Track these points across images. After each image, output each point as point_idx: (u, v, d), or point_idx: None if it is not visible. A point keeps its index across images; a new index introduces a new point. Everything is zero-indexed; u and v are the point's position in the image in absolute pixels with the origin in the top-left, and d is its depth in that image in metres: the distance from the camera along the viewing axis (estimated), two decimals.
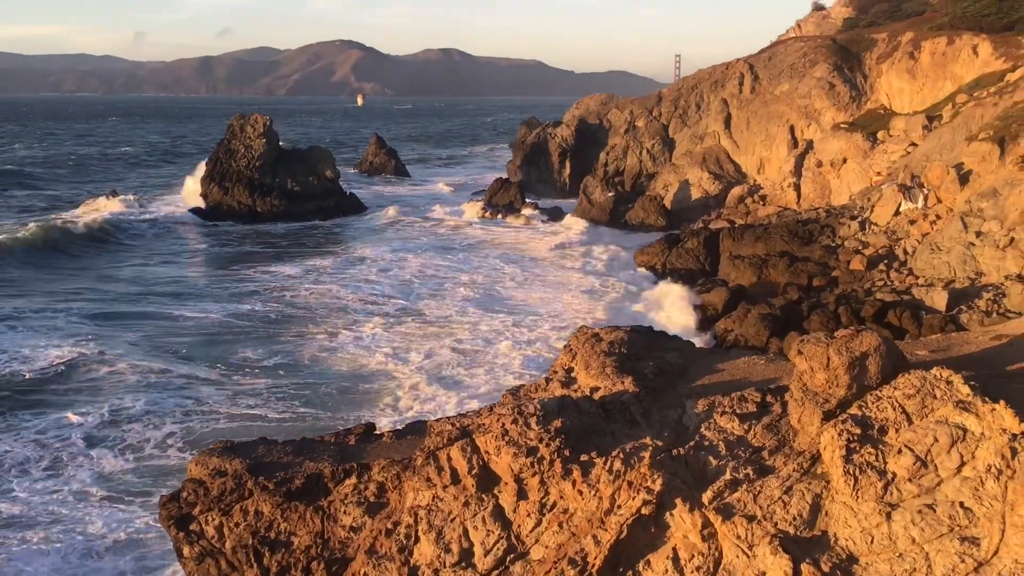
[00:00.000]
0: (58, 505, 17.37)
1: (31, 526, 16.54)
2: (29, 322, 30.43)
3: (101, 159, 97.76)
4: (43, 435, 20.86)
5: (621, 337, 11.53)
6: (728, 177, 57.07)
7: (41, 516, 16.95)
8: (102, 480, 18.55)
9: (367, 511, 9.92)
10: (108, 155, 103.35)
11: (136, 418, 21.90)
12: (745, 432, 9.00)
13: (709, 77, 64.70)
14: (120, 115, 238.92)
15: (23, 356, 26.50)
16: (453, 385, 24.44)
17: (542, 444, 9.01)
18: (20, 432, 21.05)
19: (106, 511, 17.14)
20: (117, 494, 17.93)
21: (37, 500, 17.54)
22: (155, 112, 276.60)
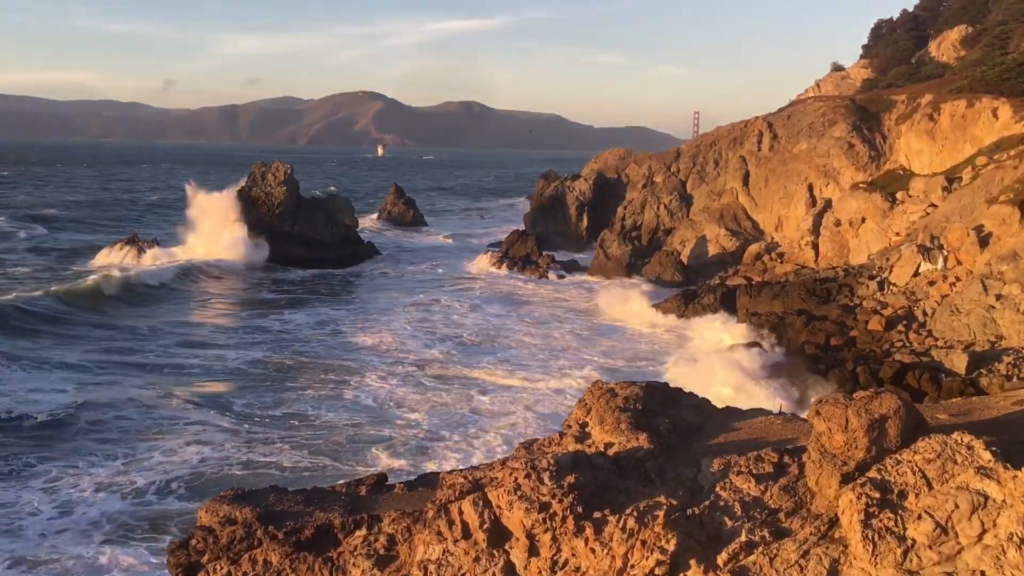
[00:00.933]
0: (68, 546, 17.28)
1: (40, 565, 16.47)
2: (34, 365, 30.43)
3: (128, 204, 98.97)
4: (52, 479, 20.78)
5: (636, 392, 11.43)
6: (746, 234, 57.12)
7: (51, 557, 16.87)
8: (111, 524, 18.43)
9: (376, 564, 9.78)
10: (136, 201, 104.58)
11: (145, 464, 21.80)
12: (761, 493, 8.86)
13: (728, 134, 65.13)
14: (148, 161, 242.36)
15: (31, 400, 26.51)
16: (466, 438, 24.26)
17: (555, 500, 8.90)
18: (28, 477, 20.98)
19: (117, 553, 17.01)
20: (125, 539, 17.80)
21: (47, 543, 17.44)
22: (180, 158, 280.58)
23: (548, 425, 24.72)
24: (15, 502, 19.59)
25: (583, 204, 70.22)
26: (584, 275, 56.59)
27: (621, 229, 63.96)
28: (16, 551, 17.22)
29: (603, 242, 58.74)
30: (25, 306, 37.66)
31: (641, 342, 37.24)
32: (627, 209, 66.48)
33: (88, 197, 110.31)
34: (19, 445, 22.99)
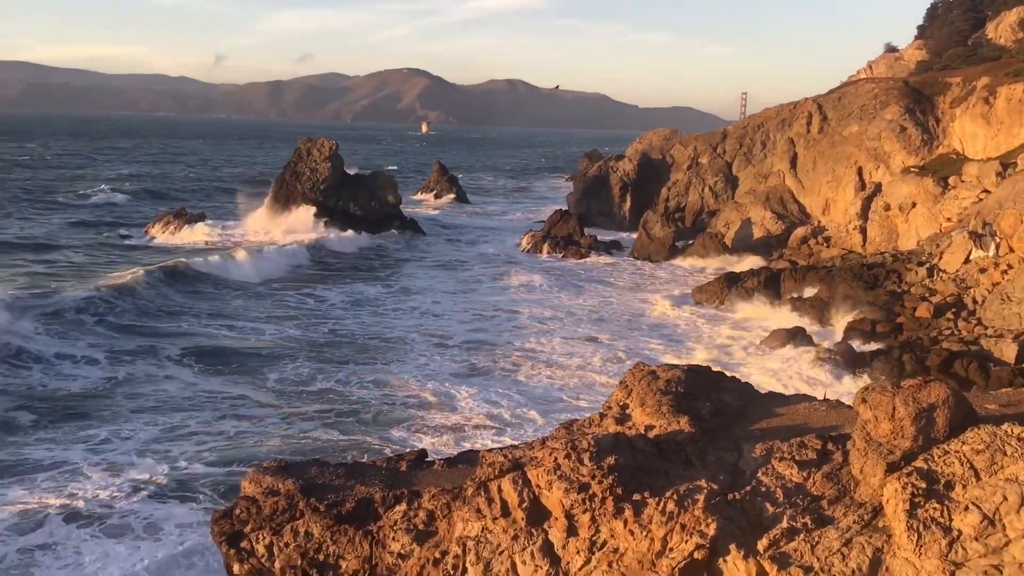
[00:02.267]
0: (120, 503, 17.79)
1: (94, 522, 16.94)
2: (71, 337, 30.93)
3: (195, 180, 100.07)
4: (95, 447, 21.26)
5: (678, 375, 11.36)
6: (792, 217, 56.37)
7: (104, 514, 17.36)
8: (155, 487, 18.83)
9: (416, 539, 9.87)
10: (205, 176, 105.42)
11: (183, 435, 22.16)
12: (804, 480, 8.77)
13: (776, 116, 64.18)
14: (200, 136, 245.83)
15: (68, 372, 27.05)
16: (505, 417, 24.31)
17: (594, 481, 8.89)
18: (77, 441, 21.48)
19: (166, 513, 17.42)
20: (171, 500, 18.21)
21: (96, 503, 17.88)
22: (230, 133, 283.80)
23: (585, 409, 24.70)
24: (68, 461, 20.10)
25: (627, 184, 69.73)
26: (626, 256, 56.28)
27: (665, 210, 63.46)
28: (72, 506, 17.73)
29: (646, 223, 58.31)
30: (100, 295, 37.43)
31: (680, 325, 36.98)
32: (671, 190, 65.92)
33: (160, 171, 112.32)
34: (63, 412, 23.52)
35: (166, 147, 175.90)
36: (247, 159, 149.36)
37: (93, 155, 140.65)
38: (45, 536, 16.53)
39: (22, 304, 32.06)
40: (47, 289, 36.40)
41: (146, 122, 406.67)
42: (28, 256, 46.61)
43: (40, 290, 35.97)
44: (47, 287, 36.87)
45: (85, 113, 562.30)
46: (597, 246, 57.31)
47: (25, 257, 46.19)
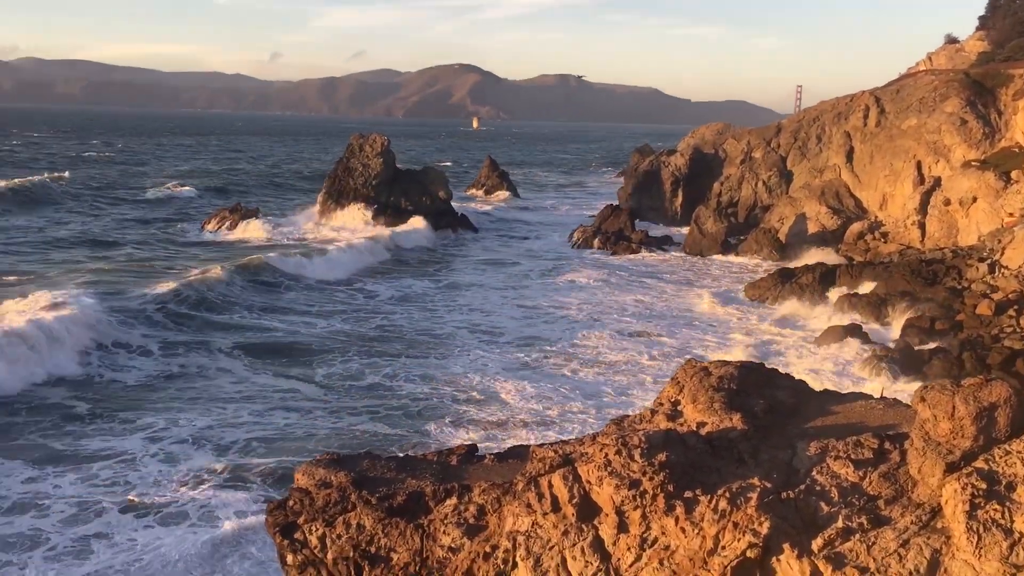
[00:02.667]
0: (173, 495, 18.14)
1: (151, 511, 17.35)
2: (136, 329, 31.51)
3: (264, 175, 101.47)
4: (152, 436, 21.72)
5: (731, 372, 11.24)
6: (848, 212, 55.43)
7: (159, 503, 17.74)
8: (211, 475, 19.19)
9: (466, 532, 9.91)
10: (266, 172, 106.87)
11: (236, 425, 22.51)
12: (860, 479, 8.62)
13: (832, 109, 63.13)
14: (256, 133, 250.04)
15: (119, 364, 27.63)
16: (556, 413, 24.28)
17: (645, 477, 8.84)
18: (134, 430, 21.96)
19: (221, 501, 17.76)
20: (226, 488, 18.55)
21: (151, 492, 18.27)
22: (283, 130, 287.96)
23: (635, 405, 24.57)
24: (125, 450, 20.60)
25: (678, 179, 69.18)
26: (678, 251, 55.85)
27: (717, 205, 62.82)
28: (135, 490, 18.16)
29: (698, 218, 57.79)
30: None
31: (731, 322, 36.59)
32: (724, 185, 65.23)
33: (218, 167, 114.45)
34: (120, 401, 24.08)
35: (223, 144, 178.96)
36: (300, 155, 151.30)
37: (154, 151, 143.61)
38: (101, 525, 16.90)
39: (98, 299, 32.45)
40: (118, 284, 37.08)
41: (203, 119, 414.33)
42: (93, 252, 47.59)
43: (111, 285, 36.61)
44: (117, 282, 37.54)
45: (145, 111, 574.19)
46: (648, 241, 56.95)
47: (91, 253, 47.18)
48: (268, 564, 15.24)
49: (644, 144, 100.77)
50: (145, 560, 15.66)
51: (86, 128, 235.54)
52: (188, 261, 45.36)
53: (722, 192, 64.74)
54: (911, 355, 28.71)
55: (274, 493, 17.91)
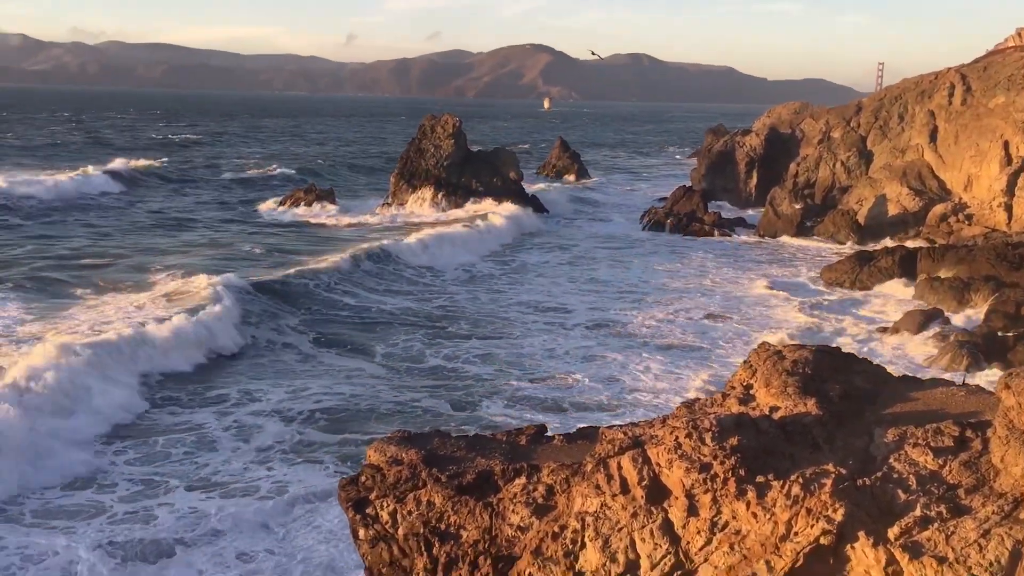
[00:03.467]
0: (247, 471, 18.58)
1: (216, 487, 17.87)
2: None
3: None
4: (228, 406, 22.28)
5: (806, 356, 11.05)
6: (930, 194, 53.78)
7: (228, 478, 18.23)
8: (282, 450, 19.61)
9: (535, 512, 9.96)
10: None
11: (304, 398, 22.91)
12: (939, 467, 8.41)
13: (915, 87, 61.19)
14: (335, 115, 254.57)
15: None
16: (623, 398, 24.18)
17: (716, 461, 8.77)
18: (207, 404, 22.55)
19: (293, 476, 18.16)
20: (295, 462, 18.97)
21: (228, 468, 18.75)
22: (356, 111, 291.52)
23: (704, 389, 24.31)
24: (202, 424, 21.20)
25: (753, 160, 67.94)
26: (751, 233, 54.95)
27: (793, 186, 61.55)
28: (209, 468, 18.69)
29: (773, 199, 56.71)
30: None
31: (807, 305, 35.89)
32: (800, 165, 63.83)
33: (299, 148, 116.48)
34: (186, 381, 24.69)
35: (305, 125, 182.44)
36: (374, 136, 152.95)
37: (242, 133, 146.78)
38: (167, 497, 17.35)
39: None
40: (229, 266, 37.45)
41: (282, 101, 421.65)
42: (184, 235, 48.14)
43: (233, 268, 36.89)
44: (227, 266, 37.59)
45: (224, 93, 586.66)
46: (721, 223, 56.15)
47: (184, 237, 47.51)
48: (337, 534, 15.53)
49: (718, 124, 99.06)
50: (210, 527, 16.03)
51: (172, 110, 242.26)
52: (271, 240, 46.49)
53: (798, 173, 63.39)
54: (995, 341, 27.81)
55: (342, 469, 18.22)
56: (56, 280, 34.50)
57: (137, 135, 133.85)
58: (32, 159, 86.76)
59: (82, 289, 33.26)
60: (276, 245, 45.68)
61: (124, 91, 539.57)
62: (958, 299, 33.88)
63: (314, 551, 15.40)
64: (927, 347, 28.43)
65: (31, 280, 34.01)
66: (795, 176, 63.20)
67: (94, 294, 32.60)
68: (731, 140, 71.86)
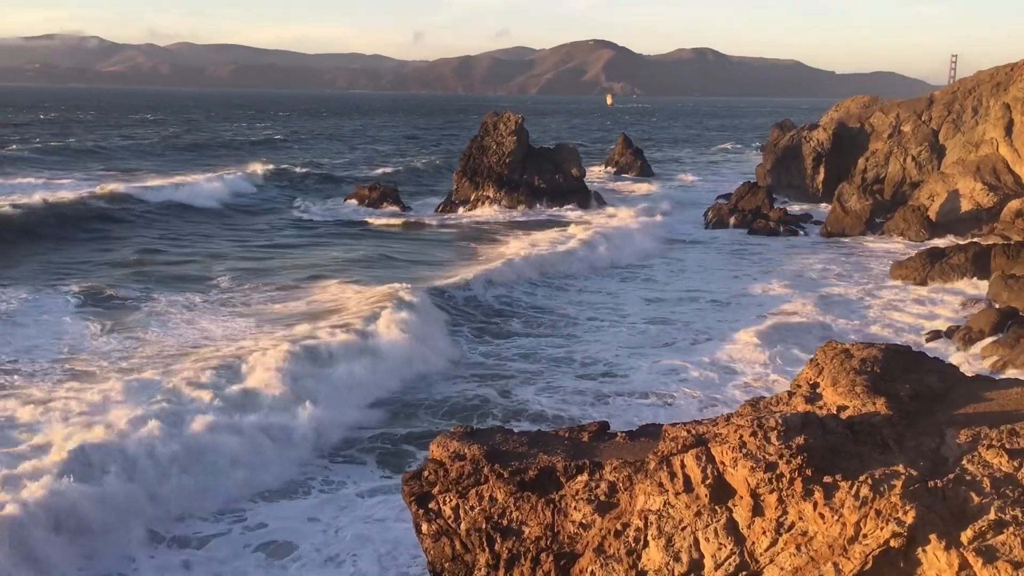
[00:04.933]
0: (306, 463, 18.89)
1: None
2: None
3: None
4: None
5: (874, 355, 10.83)
6: (1005, 189, 52.19)
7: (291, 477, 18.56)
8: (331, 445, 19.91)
9: (597, 509, 9.94)
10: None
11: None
12: (1015, 470, 8.18)
13: (990, 79, 59.43)
14: (395, 111, 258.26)
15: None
16: (687, 393, 23.98)
17: (782, 460, 8.65)
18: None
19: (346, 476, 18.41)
20: (349, 468, 19.22)
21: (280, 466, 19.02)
22: (419, 109, 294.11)
23: (767, 389, 23.96)
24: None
25: (820, 155, 66.69)
26: (818, 230, 53.97)
27: (862, 182, 60.27)
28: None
29: (841, 195, 55.57)
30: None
31: (875, 304, 35.13)
32: (869, 161, 62.46)
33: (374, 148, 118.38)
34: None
35: (370, 124, 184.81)
36: (438, 133, 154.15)
37: (329, 133, 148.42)
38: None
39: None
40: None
41: (350, 99, 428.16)
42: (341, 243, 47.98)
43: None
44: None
45: (294, 92, 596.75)
46: (787, 219, 55.24)
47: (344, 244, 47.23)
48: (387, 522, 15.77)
49: (784, 119, 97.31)
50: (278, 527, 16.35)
51: (257, 109, 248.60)
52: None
53: (867, 168, 62.04)
54: None
55: (400, 463, 18.43)
56: (231, 287, 34.23)
57: (236, 135, 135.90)
58: (148, 161, 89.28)
59: (259, 296, 32.95)
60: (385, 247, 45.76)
61: (196, 91, 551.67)
62: None
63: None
64: (1002, 347, 27.58)
65: (218, 290, 33.70)
66: (864, 171, 61.88)
67: (277, 302, 32.20)
68: (797, 135, 70.63)
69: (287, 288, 34.15)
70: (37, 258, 40.04)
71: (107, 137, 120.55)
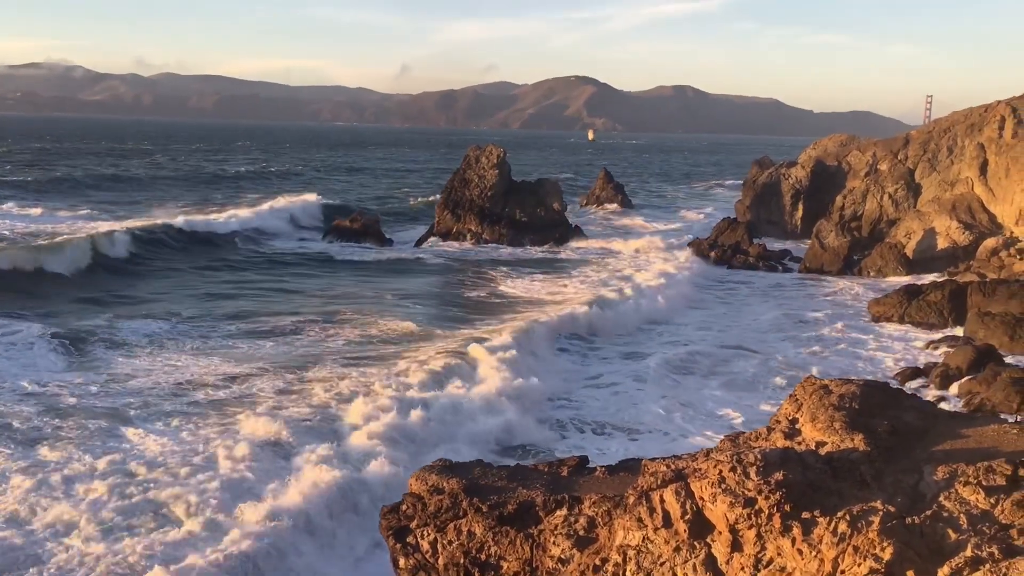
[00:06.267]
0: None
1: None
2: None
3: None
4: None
5: (853, 391, 10.90)
6: (980, 227, 52.93)
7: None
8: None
9: (576, 544, 9.90)
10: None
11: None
12: (991, 507, 8.22)
13: (965, 119, 60.47)
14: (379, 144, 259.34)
15: None
16: (667, 428, 23.98)
17: (761, 496, 8.66)
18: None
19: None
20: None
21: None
22: (403, 142, 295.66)
23: (746, 425, 24.00)
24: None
25: (799, 192, 67.43)
26: (796, 266, 54.39)
27: (839, 219, 60.92)
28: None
29: (819, 232, 56.14)
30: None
31: (853, 341, 35.38)
32: (847, 198, 63.23)
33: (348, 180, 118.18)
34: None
35: (348, 155, 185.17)
36: (422, 166, 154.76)
37: (335, 166, 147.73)
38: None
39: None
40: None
41: (334, 132, 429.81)
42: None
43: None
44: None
45: (278, 123, 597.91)
46: (766, 255, 55.67)
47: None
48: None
49: (763, 156, 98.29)
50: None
51: (240, 139, 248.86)
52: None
53: (845, 206, 62.78)
54: None
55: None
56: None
57: (238, 166, 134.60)
58: (176, 190, 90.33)
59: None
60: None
61: (177, 122, 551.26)
62: (1010, 335, 33.15)
63: None
64: (978, 384, 27.78)
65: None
66: (841, 209, 62.59)
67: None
68: (776, 172, 71.42)
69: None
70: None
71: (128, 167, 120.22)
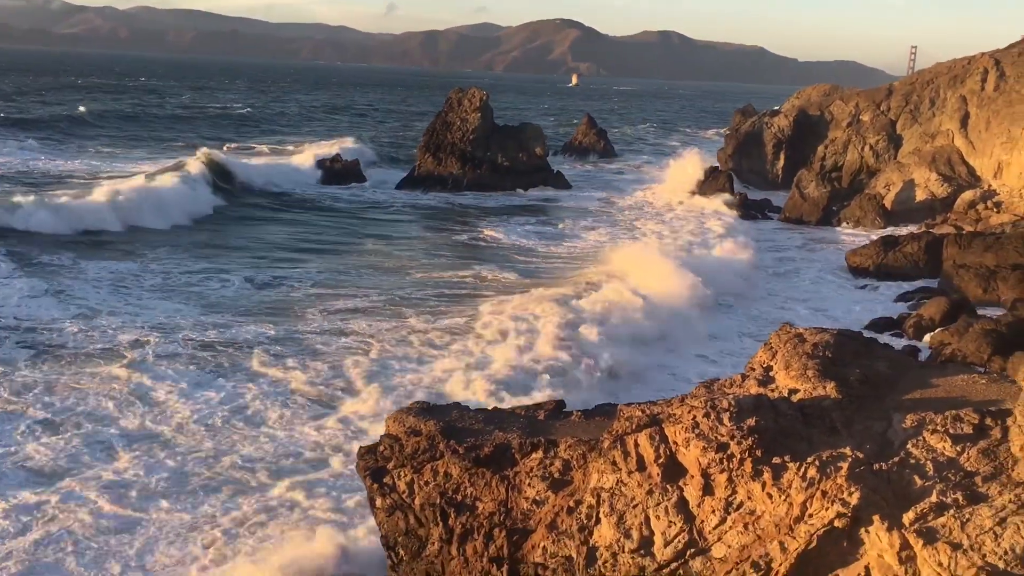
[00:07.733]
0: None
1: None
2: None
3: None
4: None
5: (827, 340, 11.03)
6: (959, 180, 53.15)
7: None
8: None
9: (551, 486, 10.05)
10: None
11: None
12: (957, 454, 8.40)
13: (948, 72, 60.33)
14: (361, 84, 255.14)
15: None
16: (657, 378, 24.16)
17: (733, 441, 8.80)
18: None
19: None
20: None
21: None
22: (386, 82, 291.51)
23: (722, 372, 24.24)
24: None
25: (781, 142, 67.33)
26: (776, 216, 54.56)
27: (820, 169, 60.97)
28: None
29: (800, 182, 56.22)
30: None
31: (830, 291, 35.66)
32: (828, 148, 63.21)
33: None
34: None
35: (343, 96, 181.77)
36: (406, 108, 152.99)
37: (317, 108, 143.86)
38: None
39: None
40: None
41: (322, 71, 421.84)
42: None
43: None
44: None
45: (260, 61, 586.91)
46: (747, 205, 55.77)
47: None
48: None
49: (747, 105, 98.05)
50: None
51: (227, 77, 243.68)
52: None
53: (826, 156, 62.79)
54: (1020, 330, 27.52)
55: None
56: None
57: (240, 107, 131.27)
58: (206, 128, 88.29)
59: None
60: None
61: (158, 57, 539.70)
62: (983, 287, 33.54)
63: None
64: (951, 335, 28.18)
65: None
66: (822, 159, 62.62)
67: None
68: (759, 121, 71.22)
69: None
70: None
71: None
